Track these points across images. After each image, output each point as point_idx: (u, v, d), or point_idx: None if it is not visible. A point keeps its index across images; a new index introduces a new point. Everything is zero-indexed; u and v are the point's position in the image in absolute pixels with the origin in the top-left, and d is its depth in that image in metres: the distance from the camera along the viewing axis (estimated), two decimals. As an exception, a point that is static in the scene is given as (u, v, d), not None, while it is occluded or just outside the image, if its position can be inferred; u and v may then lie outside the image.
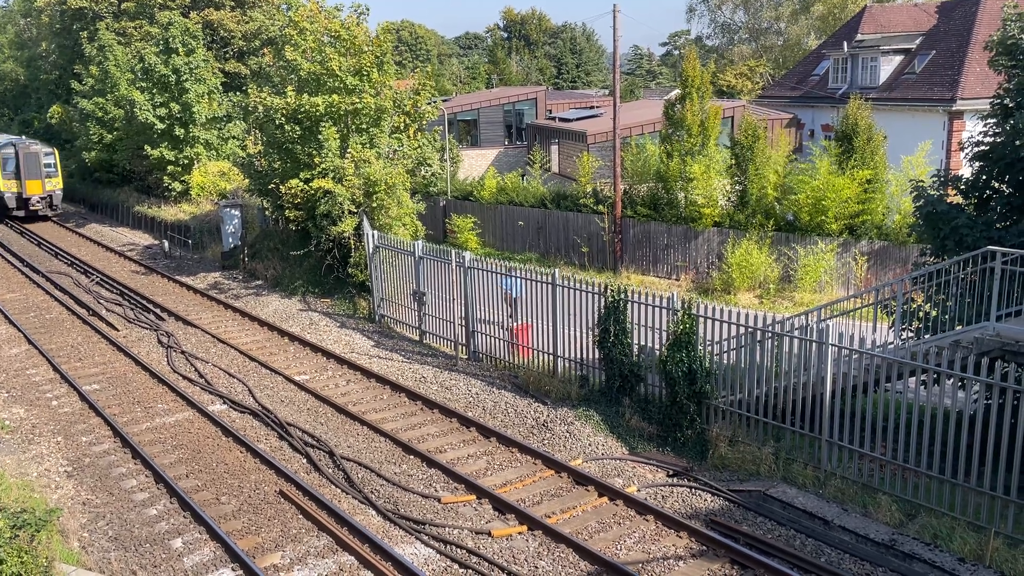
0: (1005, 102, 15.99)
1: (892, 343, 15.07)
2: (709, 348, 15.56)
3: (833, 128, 30.46)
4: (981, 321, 13.67)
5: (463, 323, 20.77)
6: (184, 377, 19.83)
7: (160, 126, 38.53)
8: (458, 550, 12.29)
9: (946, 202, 16.64)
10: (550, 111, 53.78)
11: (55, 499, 13.80)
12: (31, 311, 25.77)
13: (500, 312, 20.06)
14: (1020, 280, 13.88)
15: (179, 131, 38.98)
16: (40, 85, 58.90)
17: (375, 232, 25.12)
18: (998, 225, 15.72)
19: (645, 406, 16.40)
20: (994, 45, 16.72)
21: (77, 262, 32.39)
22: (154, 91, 38.92)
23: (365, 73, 29.58)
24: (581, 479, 14.37)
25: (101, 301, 26.56)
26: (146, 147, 39.21)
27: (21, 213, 42.25)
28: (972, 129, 19.59)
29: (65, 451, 15.93)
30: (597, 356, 17.49)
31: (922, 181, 17.56)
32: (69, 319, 24.83)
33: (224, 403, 18.26)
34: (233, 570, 11.86)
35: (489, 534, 12.69)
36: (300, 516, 13.30)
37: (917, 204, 16.98)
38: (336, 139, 28.91)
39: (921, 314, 15.33)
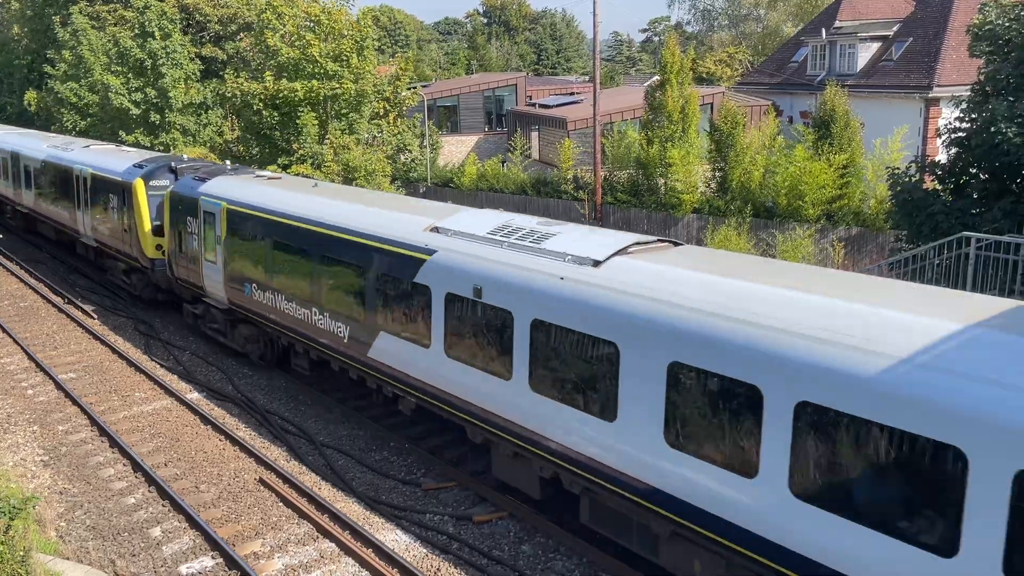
0: (985, 88, 16.14)
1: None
2: None
3: (811, 115, 30.63)
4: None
5: None
6: (162, 365, 19.68)
7: (136, 111, 38.03)
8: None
9: (922, 188, 16.81)
10: (530, 97, 53.68)
11: (31, 488, 13.67)
12: (5, 299, 25.44)
13: None
14: (994, 265, 14.06)
15: (155, 117, 38.49)
16: (13, 70, 57.93)
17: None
18: (973, 211, 15.90)
19: None
20: (973, 30, 16.86)
21: (52, 250, 31.95)
22: (129, 76, 38.40)
23: (345, 59, 29.39)
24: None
25: (77, 289, 26.26)
26: (121, 133, 38.69)
27: None
28: (949, 116, 19.77)
29: (41, 440, 15.78)
30: None
31: (897, 168, 17.70)
32: (45, 307, 24.54)
33: (203, 391, 18.14)
34: (213, 558, 11.84)
35: (470, 520, 12.69)
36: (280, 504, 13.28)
37: (894, 191, 17.14)
38: (315, 125, 28.74)
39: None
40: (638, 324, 9.69)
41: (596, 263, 10.67)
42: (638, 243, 11.20)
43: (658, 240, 11.64)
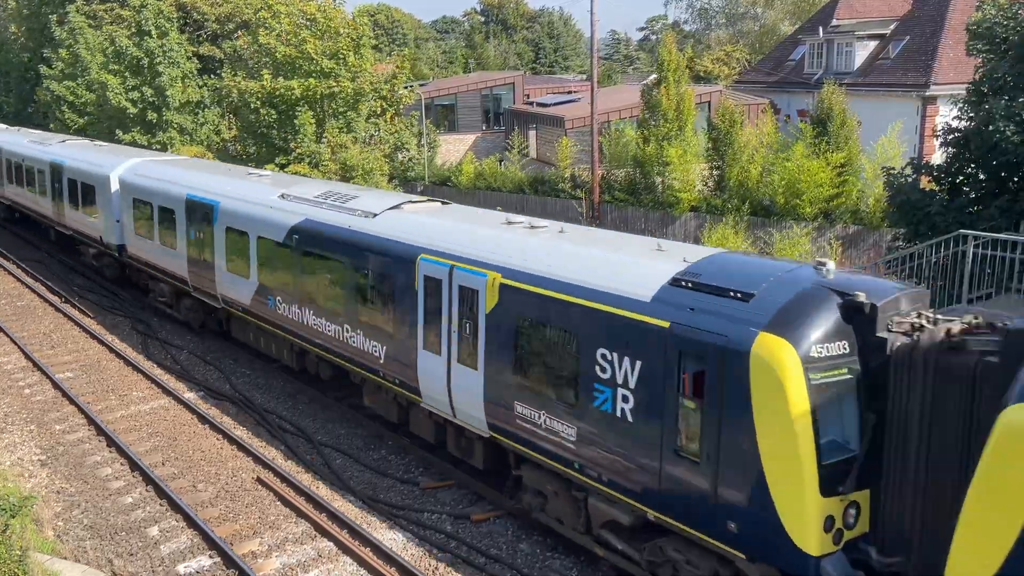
0: (982, 88, 16.15)
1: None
2: None
3: (809, 113, 30.64)
4: (953, 304, 13.86)
5: None
6: (159, 364, 19.64)
7: (133, 110, 37.99)
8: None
9: (919, 189, 16.83)
10: (528, 96, 53.62)
11: (29, 488, 13.65)
12: (2, 298, 25.40)
13: None
14: (991, 263, 14.07)
15: (152, 116, 38.45)
16: (10, 69, 57.88)
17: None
18: (970, 209, 15.92)
19: None
20: (971, 28, 16.88)
21: (49, 249, 31.92)
22: (126, 74, 38.36)
23: (342, 56, 29.39)
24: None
25: (75, 288, 26.21)
26: (118, 132, 38.66)
27: None
28: (947, 114, 19.80)
29: (39, 439, 15.76)
30: None
31: (893, 168, 17.72)
32: (42, 306, 24.49)
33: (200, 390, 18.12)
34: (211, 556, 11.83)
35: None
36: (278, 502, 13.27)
37: (890, 192, 17.17)
38: (312, 124, 28.72)
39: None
40: None
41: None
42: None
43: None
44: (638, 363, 9.69)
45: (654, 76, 33.18)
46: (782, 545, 8.54)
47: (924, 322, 8.38)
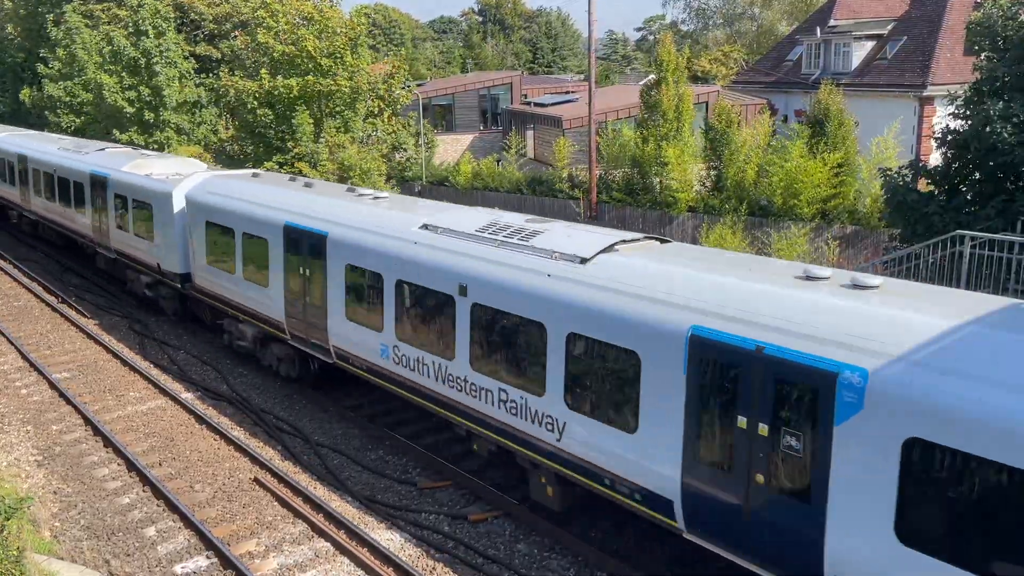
0: (982, 87, 16.15)
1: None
2: None
3: (806, 113, 30.66)
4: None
5: None
6: (156, 364, 19.62)
7: (130, 110, 37.97)
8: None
9: (916, 190, 16.83)
10: (526, 96, 53.65)
11: (26, 488, 13.63)
12: (-1, 298, 25.38)
13: None
14: (988, 263, 14.09)
15: (149, 115, 38.44)
16: (6, 69, 57.83)
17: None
18: (967, 210, 15.94)
19: None
20: (972, 26, 16.89)
21: (46, 249, 31.88)
22: (123, 74, 38.34)
23: (339, 55, 29.39)
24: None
25: (71, 288, 26.19)
26: (115, 131, 38.63)
27: None
28: (943, 112, 19.79)
29: (35, 440, 15.73)
30: None
31: (890, 169, 17.72)
32: (39, 306, 24.46)
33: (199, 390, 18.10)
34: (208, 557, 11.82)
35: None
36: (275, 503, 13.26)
37: (887, 195, 17.18)
38: (310, 123, 28.70)
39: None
40: None
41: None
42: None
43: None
44: None
45: (653, 76, 33.19)
46: None
47: None
